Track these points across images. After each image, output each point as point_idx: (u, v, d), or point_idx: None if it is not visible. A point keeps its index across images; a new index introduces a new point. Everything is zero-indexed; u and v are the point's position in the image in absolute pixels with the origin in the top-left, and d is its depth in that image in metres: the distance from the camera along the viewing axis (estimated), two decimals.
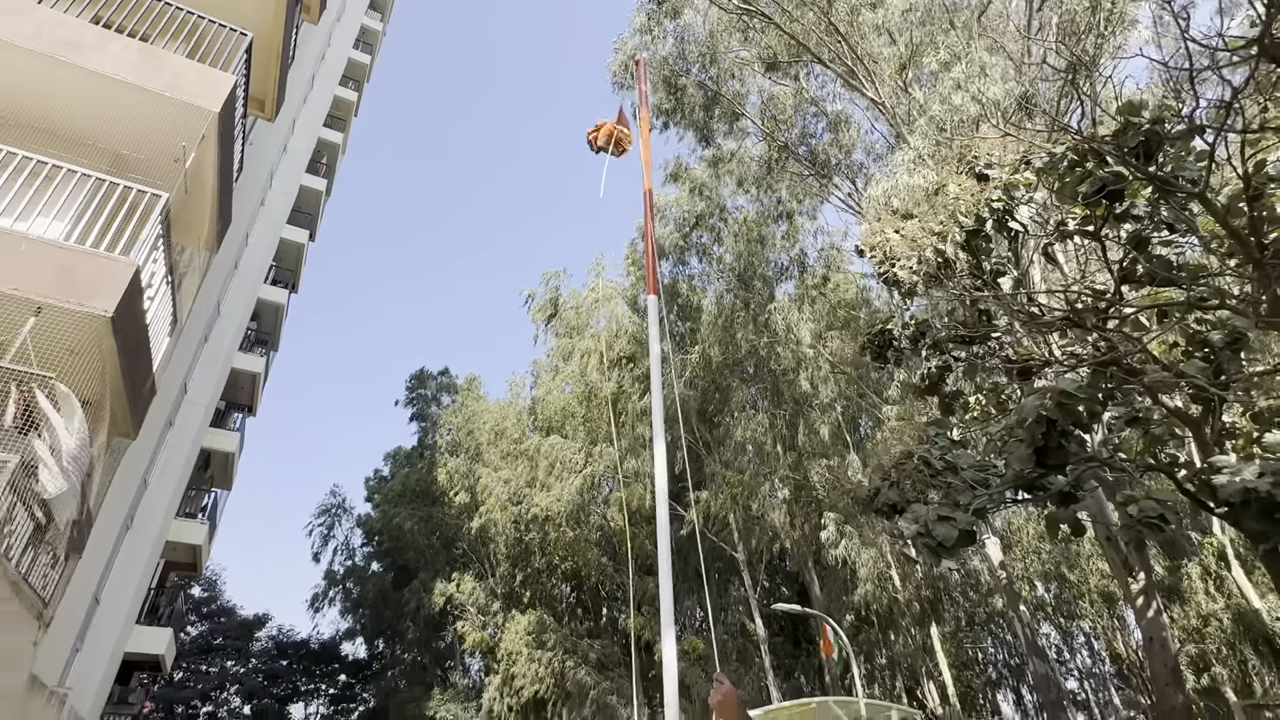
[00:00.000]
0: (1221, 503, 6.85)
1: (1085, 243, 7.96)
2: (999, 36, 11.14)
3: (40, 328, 6.35)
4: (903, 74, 13.28)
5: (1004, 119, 8.38)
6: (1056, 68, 7.56)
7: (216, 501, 25.37)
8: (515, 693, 27.16)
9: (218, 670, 41.56)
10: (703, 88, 20.55)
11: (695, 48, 20.49)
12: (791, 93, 19.39)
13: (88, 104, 8.38)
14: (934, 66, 12.10)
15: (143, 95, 8.29)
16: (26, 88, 8.13)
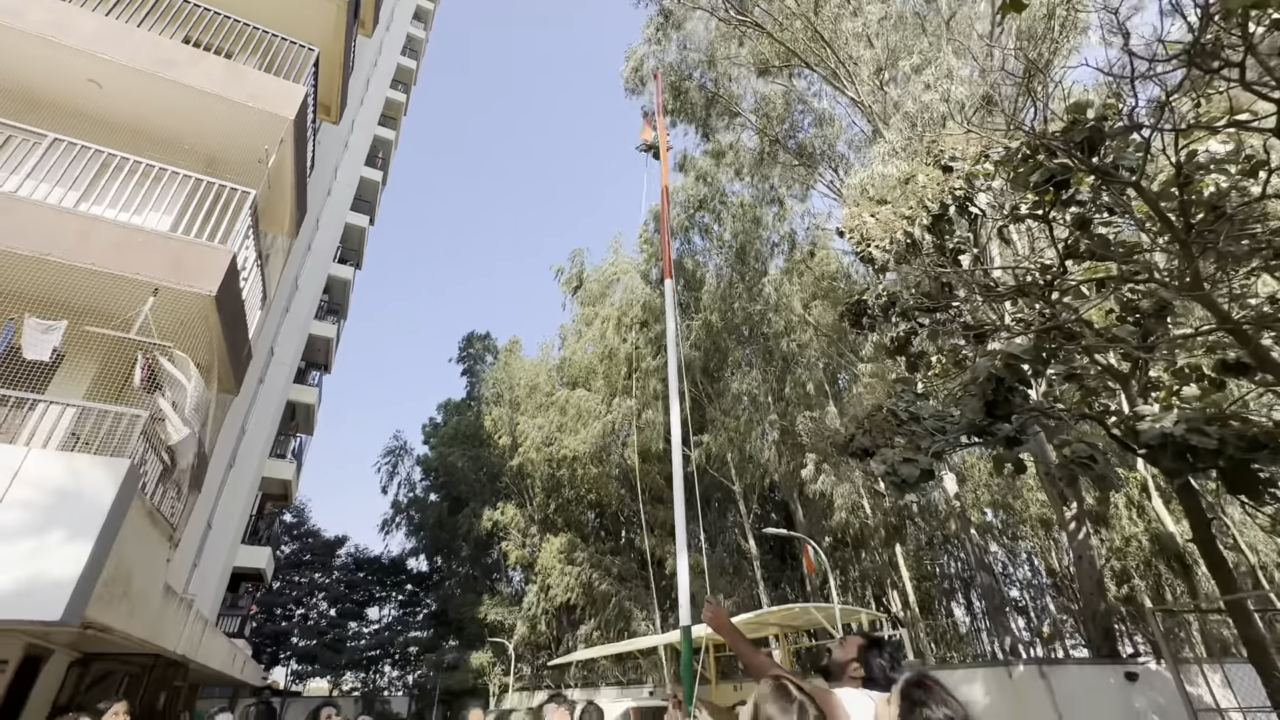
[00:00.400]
0: (1143, 445, 6.92)
1: (1035, 225, 7.86)
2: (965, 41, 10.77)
3: (158, 305, 6.53)
4: (879, 75, 12.91)
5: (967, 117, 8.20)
6: (1014, 73, 7.36)
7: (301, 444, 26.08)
8: (550, 599, 28.13)
9: (307, 581, 43.17)
10: (703, 89, 20.11)
11: (696, 54, 19.98)
12: (781, 92, 18.91)
13: (183, 113, 8.40)
14: (907, 69, 11.74)
15: (229, 105, 8.30)
16: (133, 99, 8.16)
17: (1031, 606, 29.72)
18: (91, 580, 4.67)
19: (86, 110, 8.17)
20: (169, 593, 7.70)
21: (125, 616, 5.80)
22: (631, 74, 21.16)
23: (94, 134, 7.84)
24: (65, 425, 5.80)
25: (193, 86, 8.01)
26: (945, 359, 9.02)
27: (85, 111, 8.18)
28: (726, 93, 19.86)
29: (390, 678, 44.36)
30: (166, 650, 8.28)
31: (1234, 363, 7.30)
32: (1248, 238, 7.58)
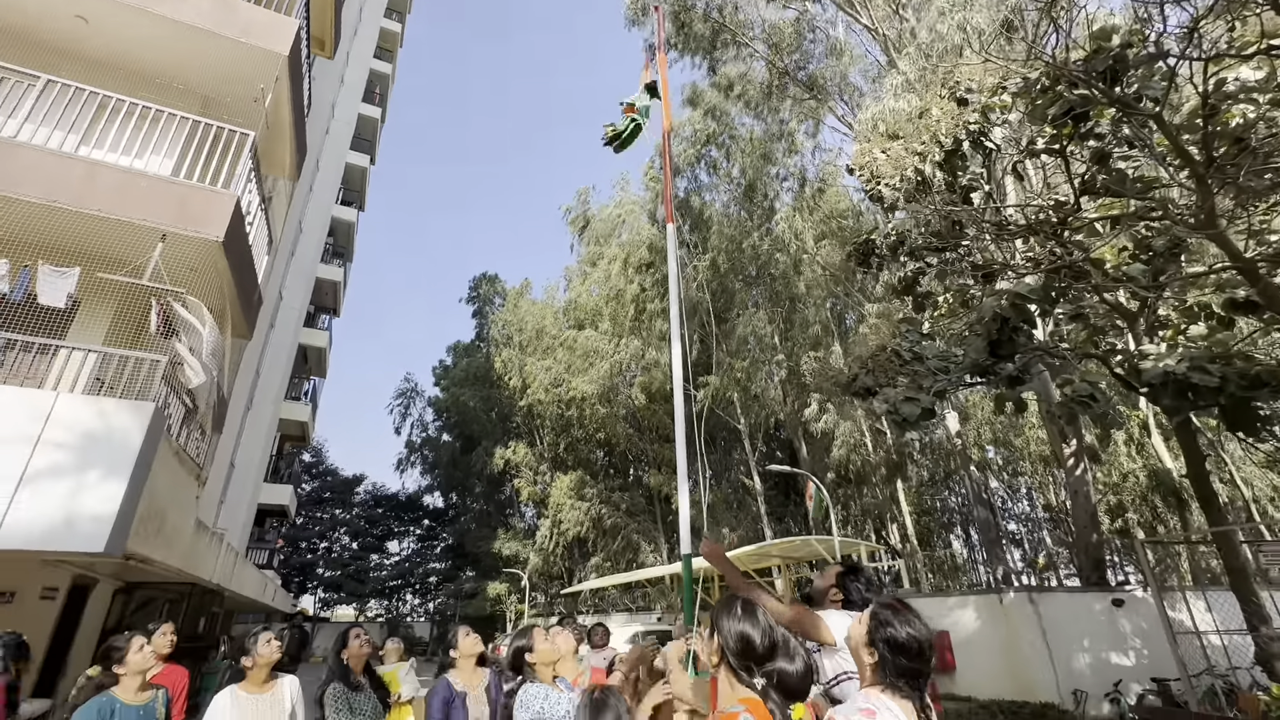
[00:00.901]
0: (1145, 384, 6.98)
1: (1051, 160, 7.64)
2: None
3: (167, 252, 6.57)
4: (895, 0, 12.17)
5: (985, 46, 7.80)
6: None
7: (315, 387, 26.59)
8: (562, 533, 29.27)
9: (329, 517, 44.97)
10: (708, 19, 19.03)
11: None
12: (792, 19, 17.90)
13: (174, 51, 8.15)
14: None
15: (220, 42, 8.03)
16: (122, 36, 7.92)
17: (1029, 539, 30.68)
18: (129, 515, 4.95)
19: (76, 50, 7.95)
20: (201, 527, 8.12)
21: (163, 548, 6.16)
22: (633, 2, 20.06)
23: (86, 75, 7.66)
24: (88, 370, 5.98)
25: (182, 21, 7.74)
26: (952, 299, 8.99)
27: (75, 51, 7.96)
28: (733, 21, 18.82)
29: (412, 605, 46.88)
30: (202, 579, 8.81)
31: (1243, 301, 7.25)
32: (1271, 171, 7.37)
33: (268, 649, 2.94)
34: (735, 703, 1.51)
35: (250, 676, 2.92)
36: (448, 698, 2.92)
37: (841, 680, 2.31)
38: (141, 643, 2.92)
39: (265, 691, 2.92)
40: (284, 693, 2.99)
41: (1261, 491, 17.53)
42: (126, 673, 2.89)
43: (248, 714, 2.79)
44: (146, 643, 2.95)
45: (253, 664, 2.92)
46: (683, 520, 2.77)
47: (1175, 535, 14.88)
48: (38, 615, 6.87)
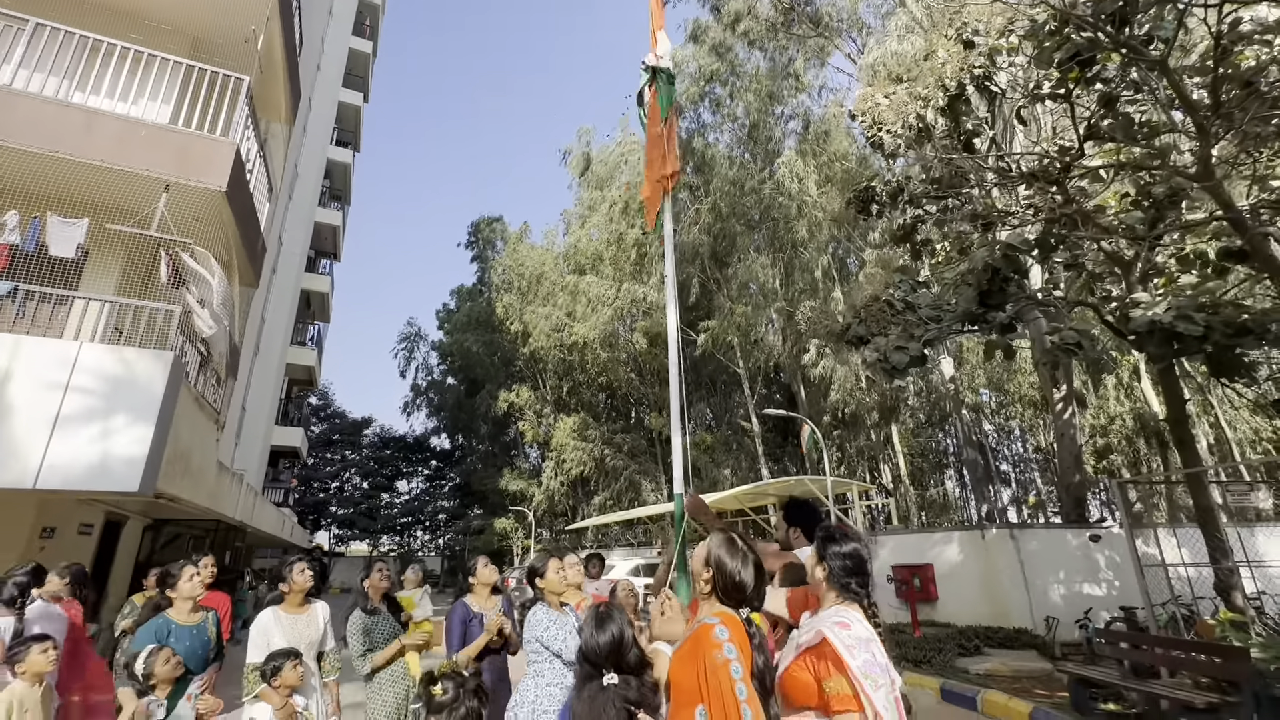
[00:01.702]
0: (1131, 331, 7.14)
1: (1056, 105, 7.53)
2: None
3: (172, 202, 6.64)
4: None
5: None
6: None
7: (320, 332, 26.84)
8: (565, 473, 30.17)
9: (339, 458, 46.18)
10: None
11: None
12: None
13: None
14: None
15: None
16: None
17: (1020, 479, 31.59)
18: (158, 457, 5.26)
19: None
20: (222, 468, 8.53)
21: (189, 488, 6.54)
22: None
23: (68, 12, 7.48)
24: (105, 320, 6.18)
25: None
26: (950, 246, 9.03)
27: None
28: None
29: (423, 540, 48.78)
30: (226, 516, 9.31)
31: (1236, 250, 7.31)
32: (1278, 116, 7.27)
33: (302, 576, 3.28)
34: (711, 615, 1.74)
35: (288, 599, 3.27)
36: (466, 617, 3.27)
37: None
38: (192, 572, 3.25)
39: (302, 613, 3.28)
40: (317, 614, 3.35)
41: (1244, 434, 17.97)
42: (178, 597, 3.23)
43: (288, 630, 3.15)
44: (197, 573, 3.28)
45: (289, 589, 3.25)
46: (676, 460, 3.03)
47: (1151, 476, 15.41)
48: (77, 549, 7.34)
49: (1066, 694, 6.32)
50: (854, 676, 1.57)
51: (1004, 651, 9.22)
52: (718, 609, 1.77)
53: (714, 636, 1.62)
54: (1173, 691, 4.92)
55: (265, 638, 3.09)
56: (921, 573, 12.06)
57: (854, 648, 1.62)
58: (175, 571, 3.23)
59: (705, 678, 1.56)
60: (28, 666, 2.78)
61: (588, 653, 1.88)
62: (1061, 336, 7.02)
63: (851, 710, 1.56)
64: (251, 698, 2.95)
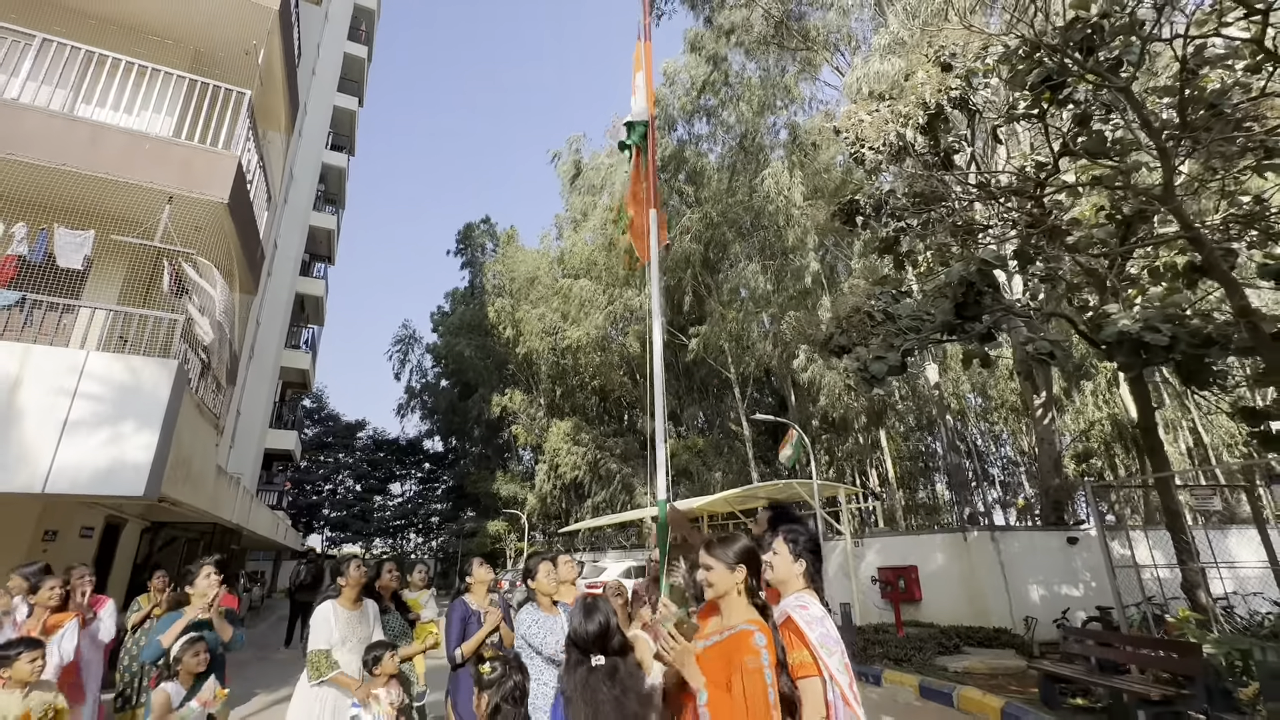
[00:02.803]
0: (1102, 342, 7.44)
1: (1032, 124, 7.82)
2: None
3: (175, 213, 6.80)
4: None
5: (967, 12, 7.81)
6: None
7: (314, 335, 26.88)
8: (559, 476, 30.30)
9: (332, 461, 46.12)
10: None
11: None
12: None
13: (165, 4, 8.08)
14: None
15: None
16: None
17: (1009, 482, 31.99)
18: (163, 462, 5.43)
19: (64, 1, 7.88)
20: (221, 472, 8.68)
21: (191, 492, 6.70)
22: None
23: (71, 26, 7.64)
24: (111, 329, 6.34)
25: None
26: (932, 258, 9.31)
27: (62, 2, 7.89)
28: None
29: (416, 543, 48.74)
30: (224, 520, 9.45)
31: (1200, 264, 7.62)
32: (1243, 135, 7.60)
33: (358, 572, 3.50)
34: (746, 621, 1.83)
35: (343, 594, 3.46)
36: (465, 614, 3.48)
37: None
38: (209, 571, 3.44)
39: (356, 609, 3.48)
40: (369, 611, 3.57)
41: (1218, 438, 18.39)
42: (195, 594, 3.42)
43: (344, 623, 3.36)
44: (214, 571, 3.47)
45: (346, 583, 3.46)
46: (660, 468, 3.25)
47: (1122, 480, 15.78)
48: (78, 551, 7.47)
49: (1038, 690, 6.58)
50: (813, 647, 1.82)
51: (983, 650, 9.48)
52: (752, 616, 1.87)
53: (752, 643, 1.75)
54: (1131, 685, 5.18)
55: (327, 628, 3.27)
56: (906, 574, 12.32)
57: (812, 624, 1.87)
58: (194, 570, 3.42)
59: (744, 684, 1.69)
60: (13, 673, 2.77)
61: (577, 639, 2.08)
62: (1035, 346, 7.30)
63: (813, 674, 1.80)
64: (319, 681, 3.12)
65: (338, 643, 3.25)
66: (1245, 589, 10.03)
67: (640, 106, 4.31)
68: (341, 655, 3.22)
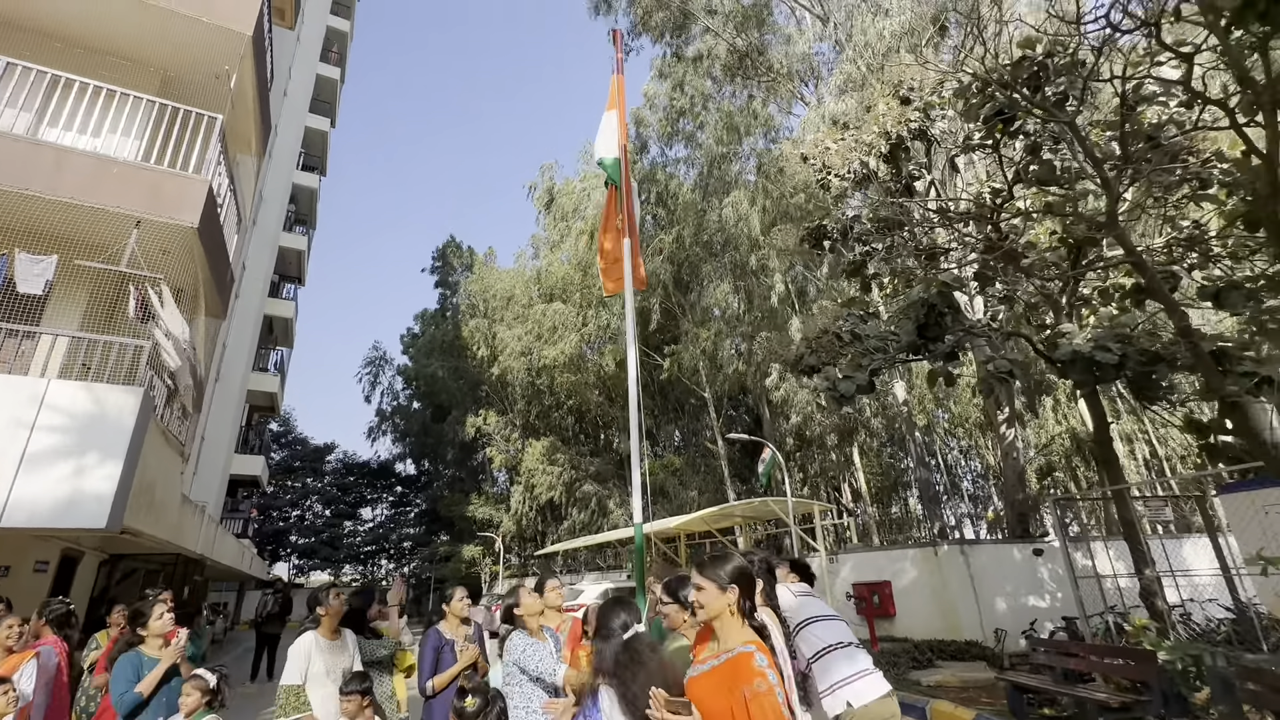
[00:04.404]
0: (1057, 360, 7.78)
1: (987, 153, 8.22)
2: None
3: (141, 236, 6.70)
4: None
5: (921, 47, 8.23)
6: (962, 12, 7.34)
7: (283, 357, 26.34)
8: (535, 498, 29.98)
9: (301, 486, 44.87)
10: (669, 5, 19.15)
11: None
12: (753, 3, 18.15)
13: (133, 27, 8.03)
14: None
15: (183, 20, 7.95)
16: (82, 12, 7.78)
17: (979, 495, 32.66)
18: (126, 493, 5.29)
19: (30, 23, 7.78)
20: (186, 501, 8.43)
21: (154, 523, 6.51)
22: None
23: (40, 51, 7.55)
24: (71, 355, 6.18)
25: None
26: (897, 280, 9.63)
27: (29, 25, 7.79)
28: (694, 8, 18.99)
29: (387, 569, 47.47)
30: (187, 550, 9.15)
31: (1145, 286, 8.04)
32: (1180, 167, 8.10)
33: (338, 602, 3.45)
34: (745, 642, 1.80)
35: (323, 625, 3.40)
36: (438, 644, 3.46)
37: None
38: (162, 610, 3.37)
39: (336, 639, 3.43)
40: (349, 641, 3.51)
41: (1173, 450, 19.15)
42: (149, 634, 3.34)
43: (325, 654, 3.30)
44: (167, 610, 3.39)
45: (325, 613, 3.40)
46: (635, 491, 3.31)
47: (1084, 493, 16.30)
48: (32, 587, 7.16)
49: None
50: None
51: (955, 663, 9.64)
52: (749, 636, 1.86)
53: (755, 665, 1.72)
54: (1094, 694, 5.35)
55: (305, 661, 3.20)
56: (880, 590, 12.48)
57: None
58: (146, 610, 3.34)
59: (748, 707, 1.66)
60: None
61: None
62: (995, 365, 7.59)
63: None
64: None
65: (320, 674, 3.20)
66: (1201, 595, 10.40)
67: (610, 143, 4.44)
68: (322, 688, 3.18)
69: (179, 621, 5.28)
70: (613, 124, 4.44)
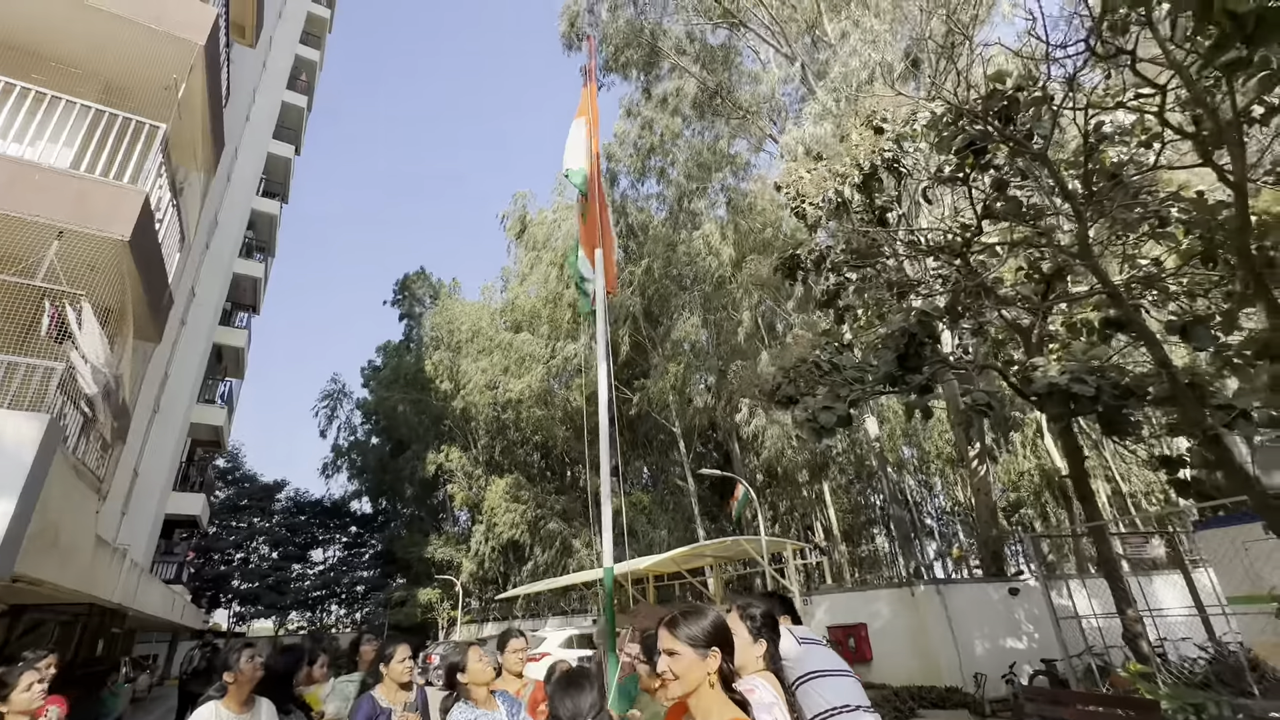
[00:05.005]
0: (1033, 393, 7.69)
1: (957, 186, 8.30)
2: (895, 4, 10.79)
3: (65, 249, 6.13)
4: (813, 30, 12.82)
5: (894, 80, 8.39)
6: (938, 41, 7.53)
7: (232, 389, 25.05)
8: (497, 537, 28.79)
9: (246, 526, 42.33)
10: (640, 46, 19.56)
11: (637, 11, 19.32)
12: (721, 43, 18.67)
13: (79, 34, 7.58)
14: (835, 34, 11.69)
15: (131, 26, 7.54)
16: (19, 13, 7.29)
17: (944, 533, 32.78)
18: (18, 535, 4.60)
19: None
20: (100, 543, 7.57)
21: (56, 569, 5.73)
22: (569, 28, 20.23)
23: None
24: None
25: (89, 4, 7.22)
26: (870, 312, 9.56)
27: None
28: (664, 46, 19.45)
29: (338, 615, 44.79)
30: (101, 599, 8.20)
31: (1114, 319, 8.12)
32: (1140, 205, 8.29)
33: (250, 665, 2.87)
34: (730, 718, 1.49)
35: (231, 694, 2.83)
36: (371, 713, 2.93)
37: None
38: (31, 681, 2.77)
39: (244, 712, 2.85)
40: (262, 714, 2.92)
41: (1136, 486, 19.54)
42: (9, 711, 2.74)
43: None
44: (38, 680, 2.80)
45: (234, 679, 2.83)
46: (605, 528, 2.91)
47: (1060, 529, 16.37)
48: None
49: None
50: None
51: (937, 711, 9.24)
52: (733, 714, 1.50)
53: None
54: None
55: None
56: (855, 633, 12.06)
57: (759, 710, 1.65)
58: (10, 680, 2.74)
59: None
60: None
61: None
62: (973, 398, 7.46)
63: None
64: None
65: None
66: (1173, 634, 10.30)
67: (577, 155, 4.18)
68: None
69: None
70: (582, 134, 4.18)
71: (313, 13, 29.06)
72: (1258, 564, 6.53)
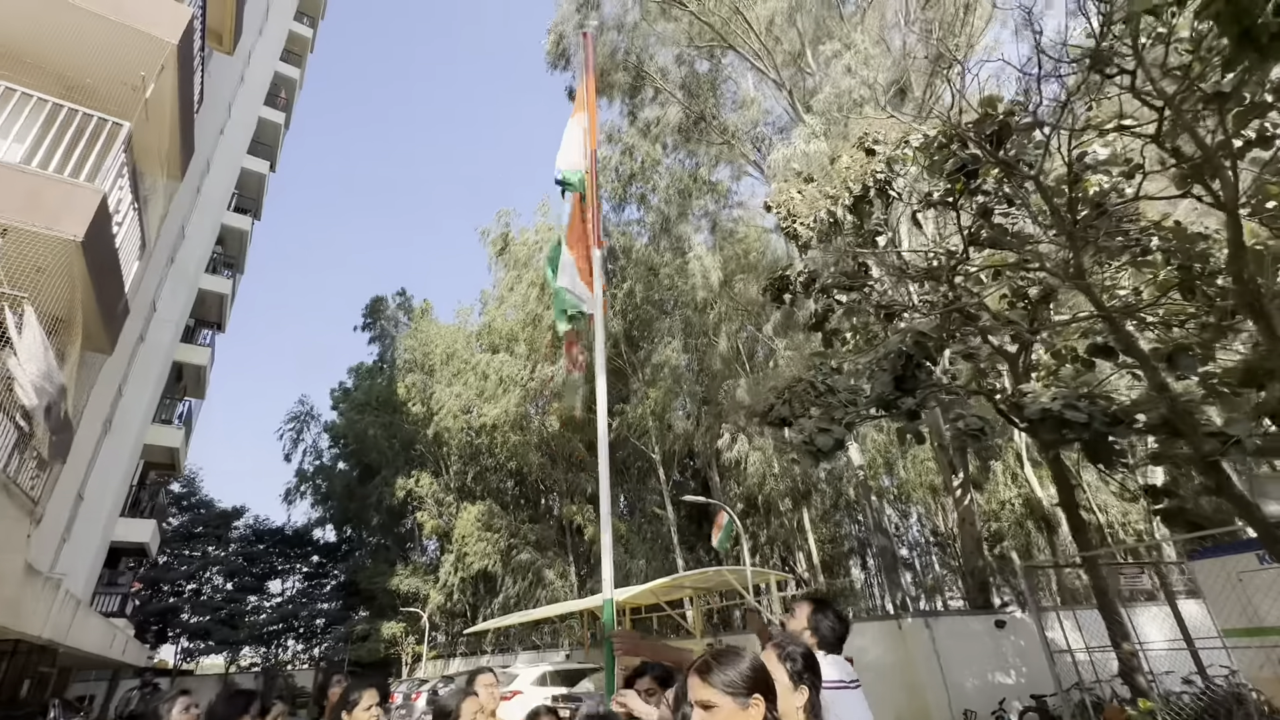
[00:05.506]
0: (1025, 419, 7.60)
1: (944, 211, 8.33)
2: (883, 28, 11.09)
3: (7, 248, 5.67)
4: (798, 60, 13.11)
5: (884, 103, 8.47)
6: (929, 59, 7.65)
7: (191, 409, 23.96)
8: (467, 568, 27.79)
9: (200, 555, 40.22)
10: (627, 69, 19.75)
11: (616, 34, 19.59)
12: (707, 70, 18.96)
13: (36, 25, 7.21)
14: (826, 55, 11.98)
15: (94, 20, 7.20)
16: None
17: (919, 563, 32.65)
18: None
19: None
20: (31, 572, 6.91)
21: None
22: (554, 46, 20.34)
23: None
24: None
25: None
26: (858, 335, 9.47)
27: None
28: (650, 70, 19.68)
29: (295, 651, 42.55)
30: (28, 635, 7.47)
31: (1101, 346, 8.13)
32: (1121, 234, 8.39)
33: (185, 717, 2.44)
34: None
35: None
36: None
37: None
38: None
39: None
40: None
41: (1114, 517, 19.70)
42: None
43: None
44: None
45: None
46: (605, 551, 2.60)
47: (1050, 560, 16.35)
48: None
49: None
50: None
51: None
52: None
53: None
54: None
55: None
56: None
57: None
58: None
59: None
60: None
61: None
62: (965, 422, 7.34)
63: None
64: None
65: None
66: (1157, 668, 10.18)
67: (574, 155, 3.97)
68: None
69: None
70: (579, 132, 3.97)
71: (294, 31, 28.89)
72: (1256, 596, 6.41)
